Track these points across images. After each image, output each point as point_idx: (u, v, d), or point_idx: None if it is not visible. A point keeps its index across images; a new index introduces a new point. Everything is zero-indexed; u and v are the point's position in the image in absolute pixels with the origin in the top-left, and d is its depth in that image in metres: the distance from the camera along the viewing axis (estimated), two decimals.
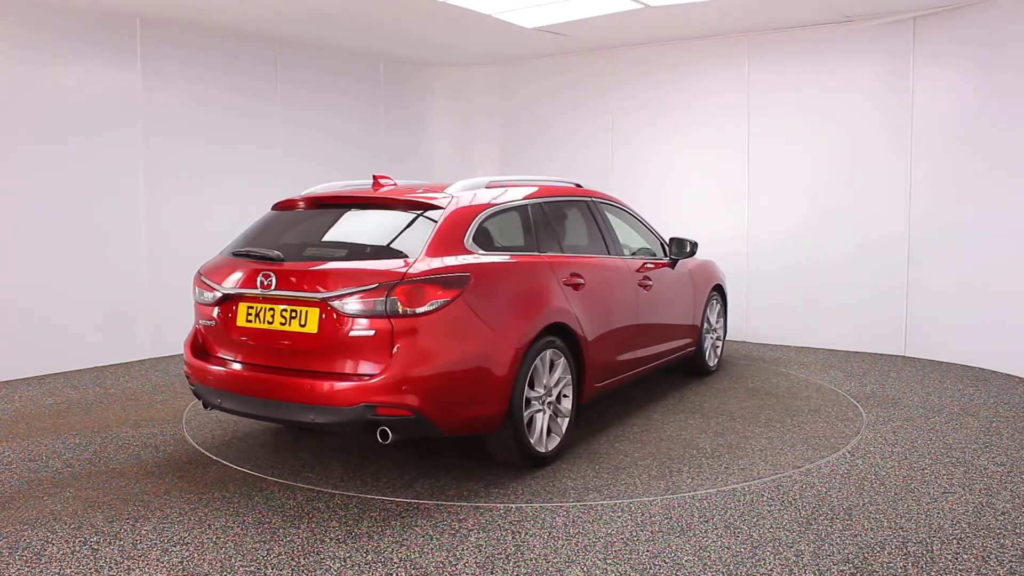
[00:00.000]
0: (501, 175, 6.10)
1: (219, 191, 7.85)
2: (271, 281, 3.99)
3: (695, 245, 6.13)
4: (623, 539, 3.48)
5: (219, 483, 4.21)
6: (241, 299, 4.17)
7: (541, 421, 4.38)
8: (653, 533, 3.55)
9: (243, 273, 4.15)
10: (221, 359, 4.28)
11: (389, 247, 4.06)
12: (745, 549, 3.38)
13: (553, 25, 7.66)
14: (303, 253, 4.21)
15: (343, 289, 3.82)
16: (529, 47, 8.83)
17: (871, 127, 7.53)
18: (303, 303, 3.93)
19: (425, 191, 4.38)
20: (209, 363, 4.26)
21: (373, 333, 3.78)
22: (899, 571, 3.17)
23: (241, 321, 4.15)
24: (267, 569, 3.22)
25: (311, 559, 3.30)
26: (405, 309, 3.76)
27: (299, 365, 3.96)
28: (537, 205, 4.84)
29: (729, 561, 3.27)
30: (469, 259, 4.06)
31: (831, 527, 3.60)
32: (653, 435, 5.02)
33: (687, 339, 6.29)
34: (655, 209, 7.90)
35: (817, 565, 3.23)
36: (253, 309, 4.11)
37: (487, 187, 4.59)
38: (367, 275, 3.83)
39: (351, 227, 4.35)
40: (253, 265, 4.14)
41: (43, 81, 6.72)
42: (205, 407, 4.39)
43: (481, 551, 3.37)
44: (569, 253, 4.92)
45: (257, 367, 4.11)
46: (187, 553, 3.36)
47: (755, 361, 7.34)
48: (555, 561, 3.28)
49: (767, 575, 3.15)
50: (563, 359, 4.51)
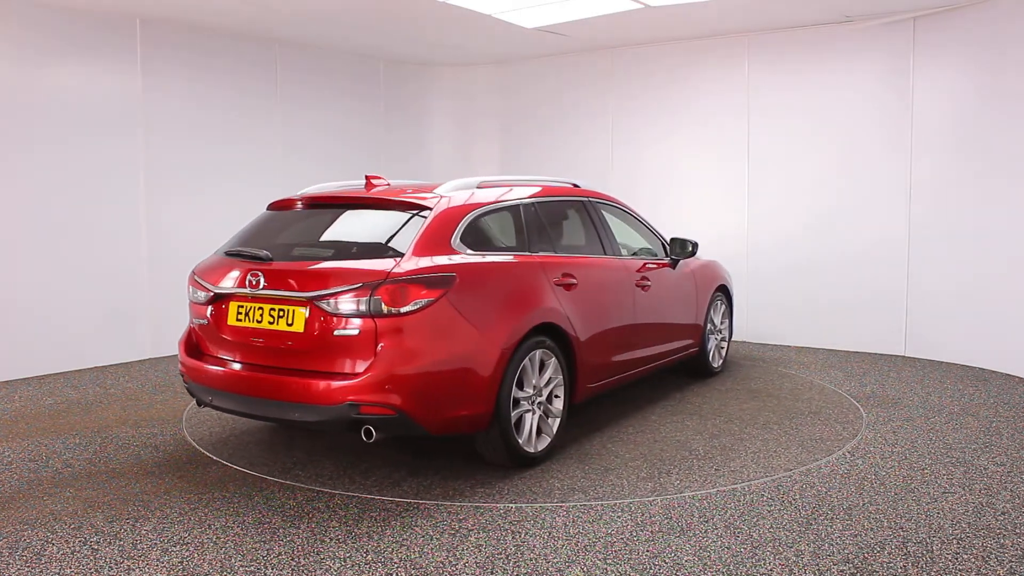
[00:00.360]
0: (501, 175, 6.10)
1: (219, 191, 7.85)
2: (259, 280, 4.04)
3: (696, 245, 6.13)
4: (623, 539, 3.48)
5: (219, 483, 4.21)
6: (232, 298, 4.22)
7: (530, 421, 4.38)
8: (653, 533, 3.55)
9: (233, 273, 4.21)
10: (213, 357, 4.33)
11: (376, 247, 4.10)
12: (745, 549, 3.38)
13: (553, 25, 7.66)
14: (291, 253, 4.26)
15: (328, 289, 3.86)
16: (529, 47, 8.83)
17: (871, 127, 7.53)
18: (290, 302, 3.98)
19: (415, 191, 4.41)
20: (202, 361, 4.31)
21: (357, 332, 3.81)
22: (899, 571, 3.17)
23: (232, 320, 4.21)
24: (267, 569, 3.22)
25: (311, 559, 3.30)
26: (389, 309, 3.79)
27: (287, 364, 4.00)
28: (530, 205, 4.84)
29: (729, 561, 3.27)
30: (455, 259, 4.07)
31: (831, 527, 3.60)
32: (647, 436, 5.01)
33: (689, 340, 6.27)
34: (655, 209, 7.90)
35: (817, 565, 3.23)
36: (243, 308, 4.16)
37: (478, 187, 4.61)
38: (352, 275, 3.87)
39: (341, 227, 4.40)
40: (243, 265, 4.19)
41: (43, 81, 6.72)
42: (199, 405, 4.45)
43: (481, 551, 3.37)
44: (563, 253, 4.91)
45: (246, 365, 4.15)
46: (187, 553, 3.36)
47: (758, 362, 7.33)
48: (555, 561, 3.28)
49: (767, 575, 3.15)
50: (554, 359, 4.51)
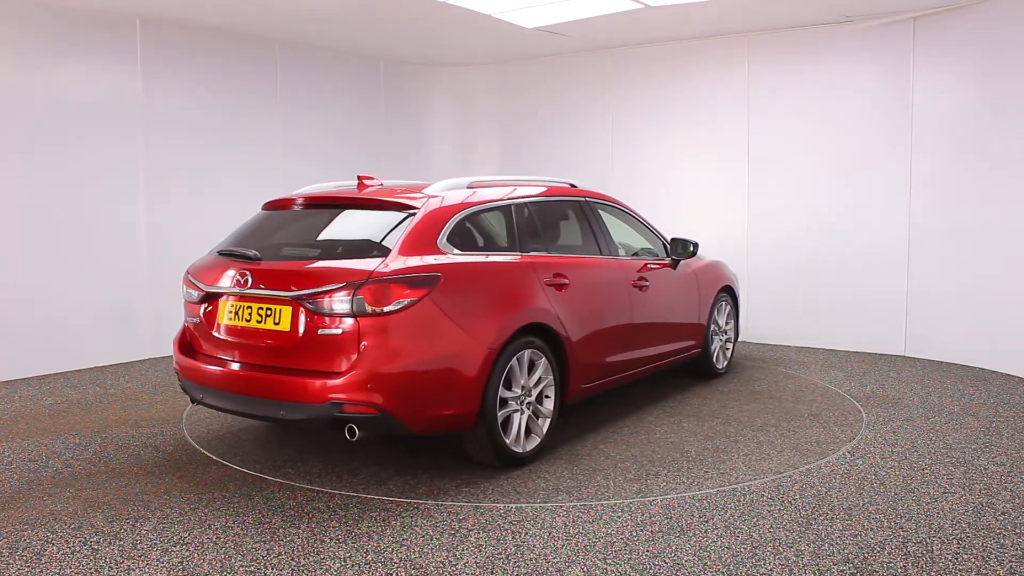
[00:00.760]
0: (500, 175, 6.09)
1: (219, 191, 7.85)
2: (247, 280, 4.09)
3: (696, 246, 6.10)
4: (623, 539, 3.48)
5: (219, 483, 4.21)
6: (222, 297, 4.27)
7: (518, 421, 4.38)
8: (653, 533, 3.55)
9: (223, 272, 4.26)
10: (204, 356, 4.38)
11: (361, 247, 4.13)
12: (745, 549, 3.38)
13: (553, 25, 7.66)
14: (279, 253, 4.31)
15: (312, 288, 3.89)
16: (529, 47, 8.83)
17: (871, 127, 7.53)
18: (277, 302, 4.03)
19: (404, 192, 4.43)
20: (195, 360, 4.37)
21: (341, 332, 3.84)
22: (899, 571, 3.17)
23: (222, 319, 4.26)
24: (267, 569, 3.22)
25: (311, 559, 3.30)
26: (372, 308, 3.81)
27: (274, 362, 4.05)
28: (521, 205, 4.83)
29: (729, 561, 3.27)
30: (441, 259, 4.09)
31: (831, 527, 3.60)
32: (641, 437, 4.99)
33: (691, 341, 6.23)
34: (655, 209, 7.90)
35: (817, 565, 3.23)
36: (233, 307, 4.21)
37: (468, 187, 4.62)
38: (335, 274, 3.90)
39: (330, 227, 4.45)
40: (233, 264, 4.25)
41: (43, 81, 6.72)
42: (192, 402, 4.51)
43: (481, 551, 3.37)
44: (555, 253, 4.90)
45: (235, 363, 4.20)
46: (187, 553, 3.36)
47: (760, 362, 7.33)
48: (555, 561, 3.28)
49: (767, 575, 3.15)
50: (544, 359, 4.51)
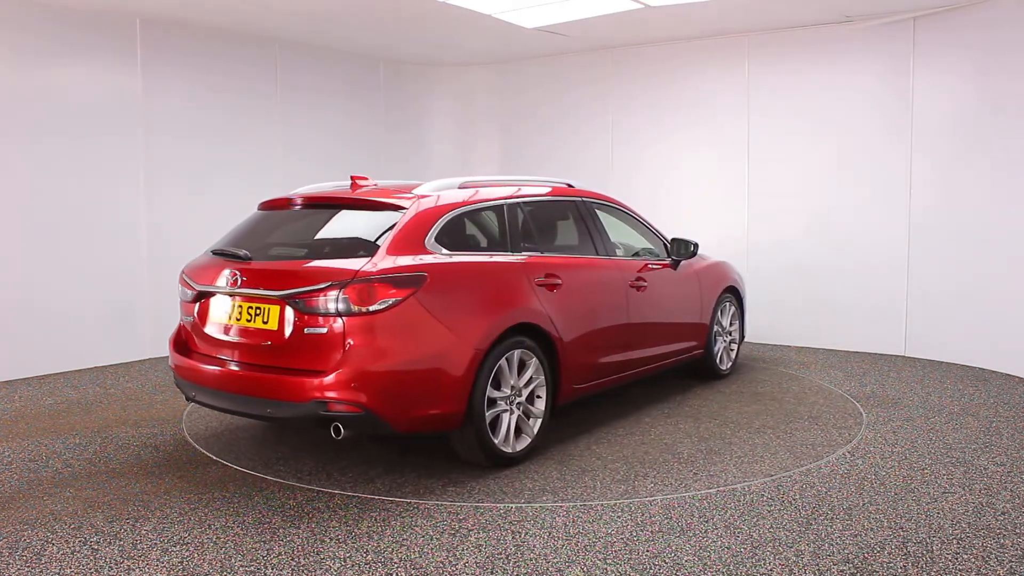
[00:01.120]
0: (500, 175, 6.09)
1: (219, 191, 7.85)
2: (237, 279, 4.13)
3: (696, 246, 6.06)
4: (623, 539, 3.48)
5: (219, 483, 4.21)
6: (213, 296, 4.32)
7: (507, 421, 4.39)
8: (653, 533, 3.55)
9: (216, 271, 4.30)
10: (198, 354, 4.43)
11: (349, 247, 4.16)
12: (745, 549, 3.38)
13: (553, 25, 7.66)
14: (269, 252, 4.34)
15: (299, 287, 3.93)
16: (529, 47, 8.83)
17: (871, 127, 7.53)
18: (265, 301, 4.07)
19: (395, 192, 4.45)
20: (188, 358, 4.42)
21: (327, 331, 3.87)
22: (899, 571, 3.17)
23: (214, 318, 4.31)
24: (267, 569, 3.22)
25: (311, 559, 3.30)
26: (357, 307, 3.83)
27: (263, 361, 4.09)
28: (514, 205, 4.83)
29: (729, 561, 3.27)
30: (427, 259, 4.10)
31: (831, 527, 3.60)
32: (636, 438, 4.97)
33: (692, 342, 6.19)
34: (655, 209, 7.89)
35: (817, 565, 3.23)
36: (224, 306, 4.26)
37: (460, 187, 4.63)
38: (321, 274, 3.93)
39: (320, 227, 4.48)
40: (225, 264, 4.29)
41: (43, 81, 6.72)
42: (187, 400, 4.56)
43: (481, 551, 3.37)
44: (549, 253, 4.90)
45: (225, 362, 4.24)
46: (187, 553, 3.36)
47: (762, 363, 7.32)
48: (555, 561, 3.28)
49: (767, 575, 3.15)
50: (534, 359, 4.51)
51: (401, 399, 3.95)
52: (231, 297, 4.23)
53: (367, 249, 4.04)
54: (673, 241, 6.07)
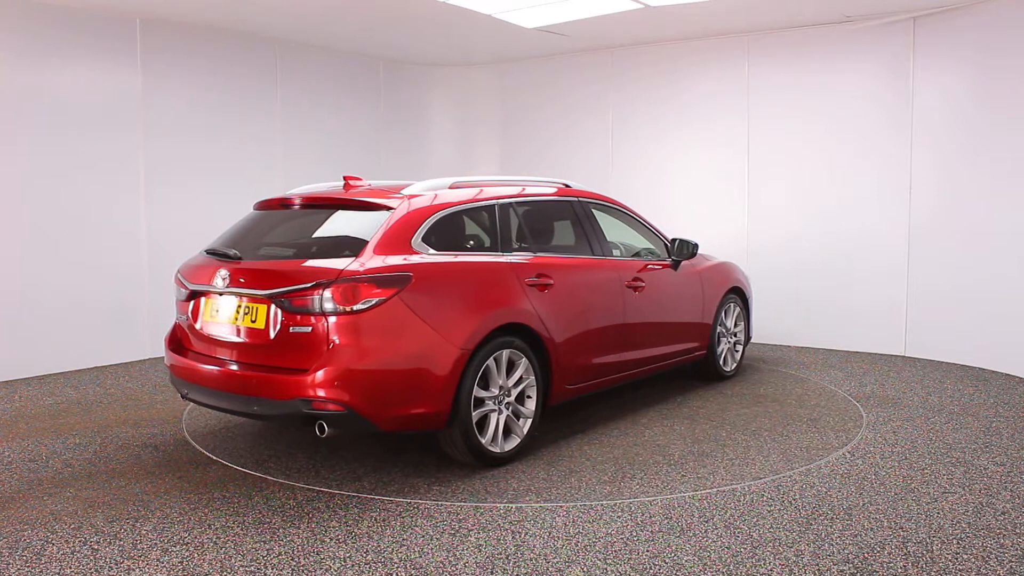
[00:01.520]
0: (500, 175, 6.09)
1: (219, 191, 7.85)
2: (227, 279, 4.19)
3: (696, 246, 6.02)
4: (623, 539, 3.48)
5: (219, 483, 4.21)
6: (205, 295, 4.38)
7: (496, 421, 4.39)
8: (653, 533, 3.54)
9: (207, 271, 4.35)
10: (191, 352, 4.49)
11: (336, 246, 4.20)
12: (745, 549, 3.38)
13: (553, 25, 7.66)
14: (258, 252, 4.39)
15: (284, 287, 3.97)
16: (529, 47, 8.83)
17: (871, 127, 7.53)
18: (253, 300, 4.12)
19: (384, 192, 4.47)
20: (182, 356, 4.48)
21: (311, 330, 3.91)
22: (899, 571, 3.17)
23: (205, 316, 4.37)
24: (267, 569, 3.22)
25: (311, 559, 3.30)
26: (340, 307, 3.86)
27: (251, 359, 4.14)
28: (506, 206, 4.83)
29: (729, 561, 3.27)
30: (413, 259, 4.11)
31: (831, 527, 3.60)
32: (629, 439, 4.95)
33: (694, 343, 6.15)
34: (655, 209, 7.89)
35: (817, 565, 3.23)
36: (215, 305, 4.32)
37: (450, 188, 4.64)
38: (306, 273, 3.97)
39: (310, 227, 4.52)
40: (217, 263, 4.34)
41: (43, 81, 6.72)
42: (182, 398, 4.60)
43: (481, 551, 3.37)
44: (542, 254, 4.89)
45: (215, 360, 4.29)
46: (187, 553, 3.36)
47: (768, 364, 7.29)
48: (555, 561, 3.28)
49: (767, 575, 3.15)
50: (524, 360, 4.51)
51: (384, 398, 3.98)
52: (221, 296, 4.28)
53: (353, 249, 4.06)
54: (673, 241, 6.04)
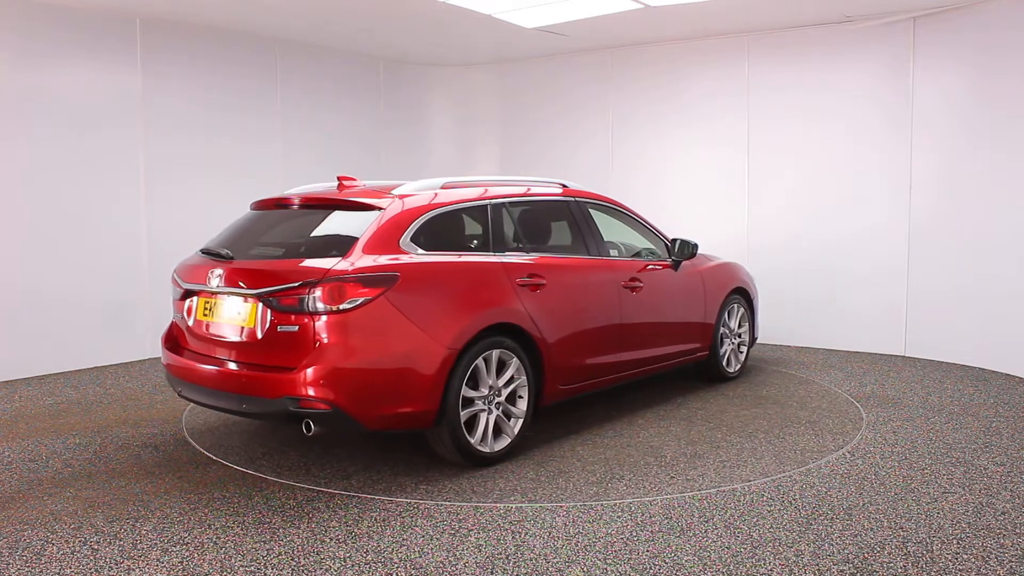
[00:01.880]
0: (500, 175, 6.08)
1: (219, 191, 7.84)
2: (219, 278, 4.24)
3: (695, 247, 5.98)
4: (623, 539, 3.48)
5: (219, 483, 4.21)
6: (198, 294, 4.43)
7: (485, 421, 4.40)
8: (653, 533, 3.54)
9: (201, 270, 4.40)
10: (185, 351, 4.53)
11: (324, 246, 4.22)
12: (745, 549, 3.38)
13: (553, 25, 7.66)
14: (249, 252, 4.42)
15: (272, 286, 4.01)
16: (529, 47, 8.83)
17: (871, 127, 7.53)
18: (244, 299, 4.16)
19: (375, 193, 4.49)
20: (177, 354, 4.52)
21: (298, 329, 3.94)
22: (899, 571, 3.17)
23: (199, 315, 4.41)
24: (267, 569, 3.22)
25: (311, 559, 3.30)
26: (326, 306, 3.89)
27: (241, 358, 4.18)
28: (499, 206, 4.83)
29: (729, 561, 3.27)
30: (401, 259, 4.13)
31: (831, 527, 3.60)
32: (623, 440, 4.93)
33: (695, 343, 6.11)
34: (655, 209, 7.88)
35: (817, 565, 3.23)
36: (208, 304, 4.35)
37: (442, 188, 4.64)
38: (293, 273, 4.00)
39: (302, 227, 4.56)
40: (210, 263, 4.39)
41: (43, 81, 6.72)
42: (179, 396, 4.64)
43: (481, 551, 3.37)
44: (535, 254, 4.88)
45: (207, 358, 4.33)
46: (187, 553, 3.36)
47: (771, 365, 7.27)
48: (555, 561, 3.28)
49: (767, 575, 3.15)
50: (515, 360, 4.52)
51: (370, 397, 3.99)
52: (213, 295, 4.32)
53: (340, 249, 4.08)
54: (674, 241, 6.00)
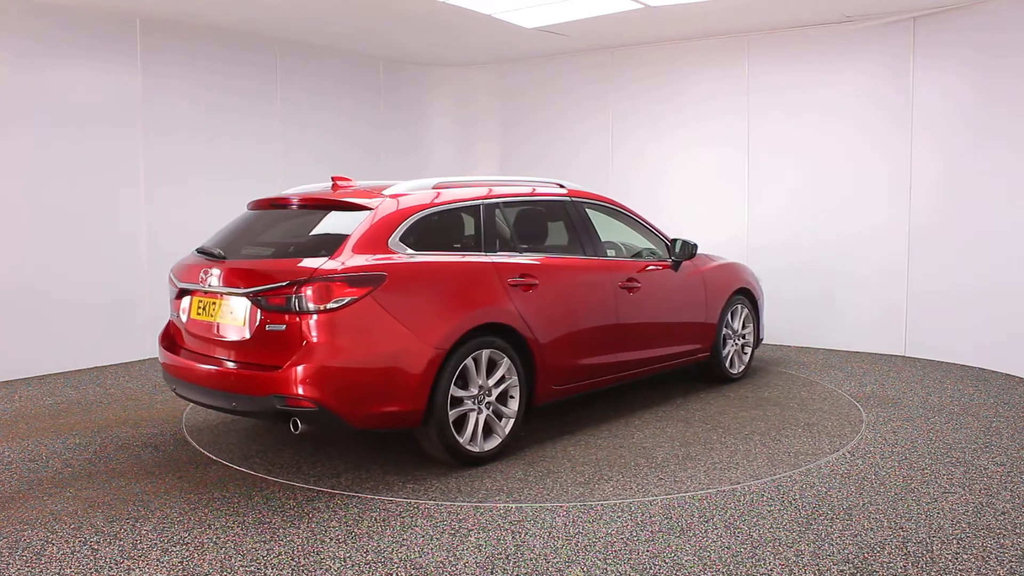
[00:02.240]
0: (500, 175, 6.08)
1: (219, 191, 7.84)
2: (211, 277, 4.29)
3: (695, 247, 5.95)
4: (623, 539, 3.48)
5: (219, 483, 4.21)
6: (192, 294, 4.46)
7: (475, 420, 4.41)
8: (653, 533, 3.55)
9: (195, 270, 4.45)
10: (180, 349, 4.57)
11: (313, 246, 4.26)
12: (745, 549, 3.38)
13: (553, 25, 7.66)
14: (241, 251, 4.46)
15: (260, 285, 4.06)
16: (529, 47, 8.83)
17: (871, 127, 7.53)
18: (234, 298, 4.20)
19: (367, 193, 4.51)
20: (172, 353, 4.56)
21: (285, 328, 3.97)
22: (899, 571, 3.17)
23: (193, 314, 4.45)
24: (267, 569, 3.22)
25: (311, 559, 3.30)
26: (313, 305, 3.91)
27: (231, 356, 4.22)
28: (491, 206, 4.82)
29: (729, 561, 3.27)
30: (389, 259, 4.14)
31: (831, 527, 3.60)
32: (616, 440, 4.92)
33: (696, 344, 6.06)
34: (655, 209, 7.87)
35: (817, 565, 3.23)
36: (202, 303, 4.40)
37: (433, 188, 4.65)
38: (280, 272, 4.04)
39: (294, 227, 4.60)
40: (203, 262, 4.44)
41: (43, 81, 6.72)
42: (176, 394, 4.67)
43: (481, 551, 3.38)
44: (528, 254, 4.88)
45: (200, 356, 4.37)
46: (187, 553, 3.36)
47: (777, 366, 7.21)
48: (555, 561, 3.28)
49: (767, 575, 3.15)
50: (506, 360, 4.52)
51: (356, 396, 4.02)
52: (205, 295, 4.37)
53: (329, 248, 4.11)
54: (674, 242, 5.97)
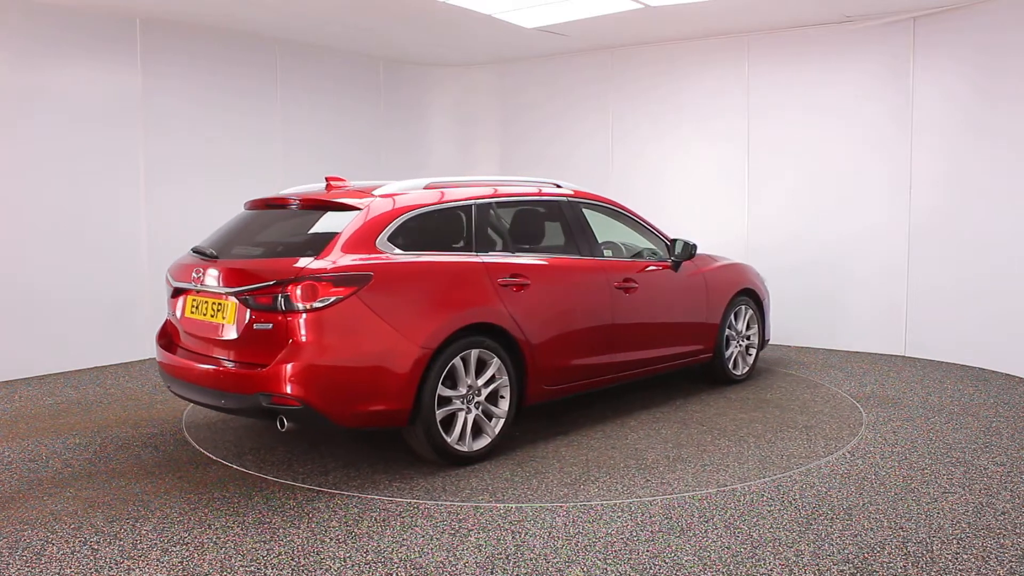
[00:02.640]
0: (500, 175, 6.07)
1: (219, 191, 7.84)
2: (203, 277, 4.34)
3: (695, 247, 5.90)
4: (623, 539, 3.48)
5: (219, 483, 4.21)
6: (186, 293, 4.54)
7: (463, 420, 4.41)
8: (653, 533, 3.55)
9: (189, 269, 4.50)
10: (175, 347, 4.62)
11: (301, 245, 4.28)
12: (745, 549, 3.38)
13: (553, 25, 7.66)
14: (232, 251, 4.50)
15: (247, 285, 4.10)
16: (529, 47, 8.83)
17: (871, 127, 7.53)
18: (223, 297, 4.24)
19: (358, 193, 4.53)
20: (168, 351, 4.61)
21: (272, 326, 4.02)
22: (899, 571, 3.17)
23: (187, 313, 4.51)
24: (267, 569, 3.22)
25: (311, 559, 3.30)
26: (299, 304, 3.95)
27: (221, 355, 4.27)
28: (484, 206, 4.83)
29: (729, 561, 3.27)
30: (376, 258, 4.16)
31: (831, 527, 3.60)
32: (609, 442, 4.90)
33: (697, 345, 6.03)
34: (655, 209, 7.88)
35: (817, 565, 3.23)
36: (194, 302, 4.45)
37: (424, 188, 4.66)
38: (267, 272, 4.08)
39: (286, 226, 4.65)
40: (197, 262, 4.49)
41: (43, 81, 6.72)
42: (171, 391, 4.71)
43: (481, 551, 3.38)
44: (521, 254, 4.88)
45: (194, 355, 4.42)
46: (187, 553, 3.36)
47: (781, 367, 7.18)
48: (555, 561, 3.28)
49: (767, 575, 3.15)
50: (496, 360, 4.53)
51: (341, 395, 4.04)
52: (198, 294, 4.42)
53: (316, 248, 4.14)
54: (674, 242, 5.94)
